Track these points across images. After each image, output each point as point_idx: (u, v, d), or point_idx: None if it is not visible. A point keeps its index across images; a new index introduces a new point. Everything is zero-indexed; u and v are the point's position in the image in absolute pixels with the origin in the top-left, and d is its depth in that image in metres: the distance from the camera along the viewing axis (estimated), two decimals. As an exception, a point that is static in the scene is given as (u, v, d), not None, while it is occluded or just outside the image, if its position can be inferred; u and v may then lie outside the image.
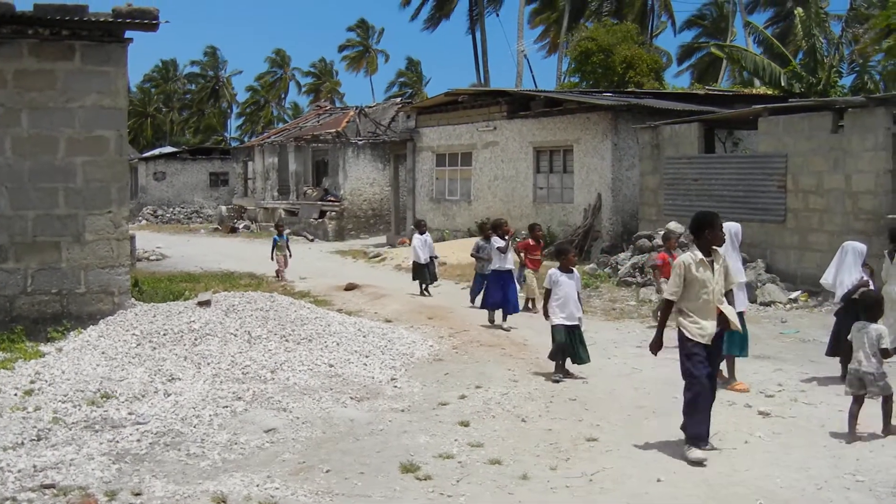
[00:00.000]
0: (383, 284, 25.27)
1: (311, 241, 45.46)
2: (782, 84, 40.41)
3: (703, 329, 9.92)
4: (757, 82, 46.47)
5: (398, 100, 64.44)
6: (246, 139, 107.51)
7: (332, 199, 48.42)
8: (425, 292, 23.46)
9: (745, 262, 22.55)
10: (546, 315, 14.00)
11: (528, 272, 20.69)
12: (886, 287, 15.05)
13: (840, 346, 12.95)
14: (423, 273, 23.67)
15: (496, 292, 18.75)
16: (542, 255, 21.63)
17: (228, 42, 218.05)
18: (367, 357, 14.15)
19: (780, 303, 21.31)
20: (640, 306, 21.08)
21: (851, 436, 10.49)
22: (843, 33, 45.78)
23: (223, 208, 58.54)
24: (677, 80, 78.42)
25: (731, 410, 11.81)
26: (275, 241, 28.09)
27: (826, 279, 13.83)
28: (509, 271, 19.05)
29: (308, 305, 17.11)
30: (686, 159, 26.53)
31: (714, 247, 10.04)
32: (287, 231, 30.95)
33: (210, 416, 10.73)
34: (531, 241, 21.14)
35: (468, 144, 37.72)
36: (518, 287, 19.68)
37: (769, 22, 71.81)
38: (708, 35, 75.89)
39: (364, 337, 15.29)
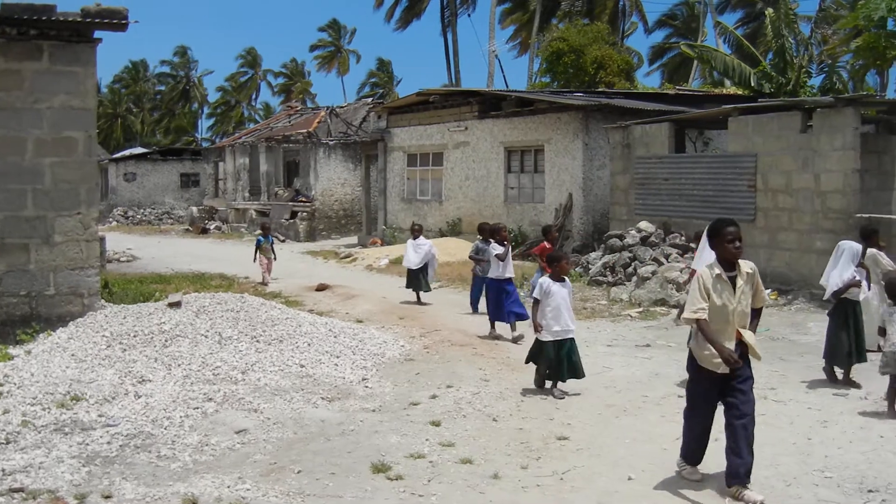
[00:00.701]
0: (354, 285, 25.22)
1: (283, 241, 45.30)
2: (752, 84, 40.54)
3: (717, 358, 8.56)
4: (727, 82, 46.62)
5: (369, 100, 64.33)
6: (217, 140, 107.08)
7: (304, 199, 48.32)
8: (420, 301, 22.09)
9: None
10: (537, 328, 12.91)
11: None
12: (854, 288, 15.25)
13: (829, 344, 13.07)
14: (417, 280, 22.22)
15: (496, 303, 17.46)
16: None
17: (199, 42, 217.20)
18: (338, 357, 14.13)
19: (749, 301, 21.37)
20: (611, 305, 21.15)
21: (892, 412, 11.41)
22: (813, 34, 46.15)
23: (194, 209, 58.31)
24: (648, 80, 78.74)
25: (702, 409, 11.84)
26: (258, 242, 27.02)
27: (823, 279, 13.90)
28: (509, 280, 17.85)
29: (279, 306, 17.05)
30: (656, 159, 26.61)
31: (737, 260, 8.64)
32: (275, 233, 30.26)
33: (181, 417, 10.69)
34: (547, 244, 19.99)
35: (439, 144, 37.71)
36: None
37: (739, 22, 72.35)
38: (679, 35, 76.20)
39: (335, 337, 15.26)
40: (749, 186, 23.54)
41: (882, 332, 11.91)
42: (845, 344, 13.11)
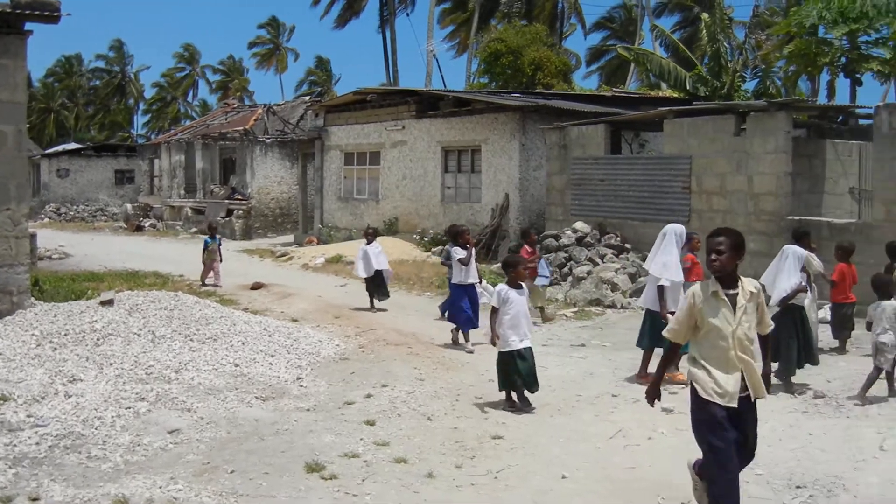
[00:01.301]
0: (290, 284, 25.10)
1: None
2: (688, 87, 40.89)
3: (719, 386, 7.41)
4: (663, 85, 47.02)
5: (307, 98, 64.08)
6: (153, 136, 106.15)
7: (240, 197, 48.05)
8: (374, 308, 20.87)
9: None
10: (494, 339, 12.25)
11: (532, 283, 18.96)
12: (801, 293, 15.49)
13: (779, 351, 13.13)
14: (371, 287, 21.06)
15: (461, 309, 16.65)
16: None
17: (135, 37, 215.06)
18: (272, 356, 14.08)
19: (683, 302, 21.53)
20: (546, 305, 21.20)
21: (862, 397, 12.12)
22: (747, 39, 46.52)
23: (129, 206, 57.80)
24: (586, 81, 78.86)
25: (636, 407, 11.93)
26: (206, 243, 25.78)
27: (766, 280, 13.94)
28: (472, 286, 16.96)
29: (213, 304, 16.98)
30: (593, 160, 26.74)
31: (734, 275, 7.62)
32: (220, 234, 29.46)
33: (112, 417, 10.58)
34: (528, 248, 19.61)
35: (376, 143, 37.63)
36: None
37: (676, 26, 72.87)
38: (616, 38, 76.69)
39: (270, 336, 15.21)
40: (684, 188, 23.73)
41: (869, 326, 12.67)
42: (794, 351, 13.17)
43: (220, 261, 25.71)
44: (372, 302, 21.04)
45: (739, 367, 7.43)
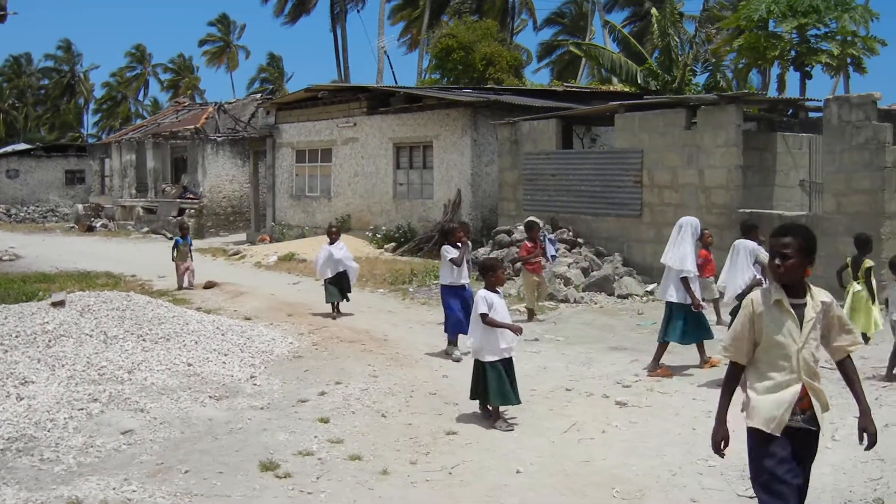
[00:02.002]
0: (243, 282, 25.02)
1: (170, 238, 44.59)
2: (639, 81, 41.15)
3: (768, 411, 6.26)
4: (615, 80, 47.24)
5: (259, 96, 63.89)
6: (103, 136, 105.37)
7: (192, 196, 47.85)
8: (338, 312, 19.49)
9: (601, 255, 22.99)
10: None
11: (530, 278, 18.98)
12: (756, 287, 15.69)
13: None
14: (332, 289, 19.44)
15: (450, 312, 15.24)
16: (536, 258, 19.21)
17: (84, 36, 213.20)
18: (225, 355, 14.01)
19: (636, 295, 21.68)
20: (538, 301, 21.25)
21: (890, 376, 12.94)
22: (697, 33, 46.87)
23: (80, 207, 57.41)
24: (537, 76, 79.66)
25: (590, 401, 12.00)
26: (176, 243, 24.46)
27: (721, 281, 13.98)
28: (464, 286, 15.51)
29: (166, 304, 16.89)
30: (544, 155, 26.83)
31: (803, 282, 6.24)
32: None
33: (65, 419, 10.48)
34: (529, 244, 19.13)
35: (328, 140, 37.58)
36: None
37: (626, 21, 73.20)
38: (567, 33, 76.87)
39: (223, 335, 15.15)
40: (635, 182, 23.86)
41: (886, 302, 13.87)
42: None
43: (192, 260, 24.71)
44: (336, 307, 19.48)
45: (798, 394, 6.23)
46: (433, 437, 10.29)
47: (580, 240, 24.68)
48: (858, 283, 15.37)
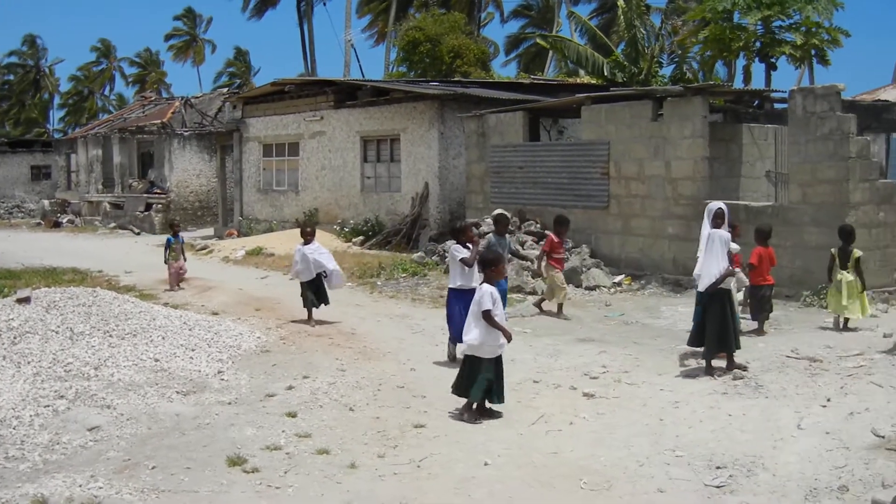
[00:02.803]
0: (210, 277, 24.95)
1: (138, 234, 44.66)
2: (605, 74, 41.16)
3: None
4: (581, 72, 47.26)
5: (225, 90, 63.66)
6: (70, 131, 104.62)
7: (159, 191, 47.67)
8: (312, 321, 17.60)
9: (570, 248, 23.02)
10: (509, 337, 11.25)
11: (555, 272, 18.47)
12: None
13: (703, 335, 13.29)
14: (308, 294, 17.81)
15: (454, 319, 13.98)
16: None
17: (50, 31, 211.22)
18: (193, 350, 13.96)
19: (604, 287, 21.73)
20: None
21: None
22: (663, 25, 46.96)
23: (46, 202, 57.10)
24: (505, 69, 79.04)
25: (557, 393, 12.05)
26: (168, 242, 23.26)
27: (696, 270, 13.73)
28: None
29: (132, 300, 16.80)
30: (511, 147, 26.83)
31: None
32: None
33: (31, 416, 10.43)
34: (555, 238, 18.54)
35: (295, 134, 37.48)
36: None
37: (593, 13, 73.27)
38: (534, 26, 76.92)
39: (190, 330, 15.09)
40: (602, 174, 23.89)
41: None
42: (732, 331, 13.22)
43: (185, 259, 23.73)
44: (310, 313, 17.80)
45: None
46: (401, 430, 10.31)
47: (547, 231, 24.65)
48: (848, 272, 15.61)
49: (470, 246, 14.12)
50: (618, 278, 22.27)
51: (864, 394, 11.28)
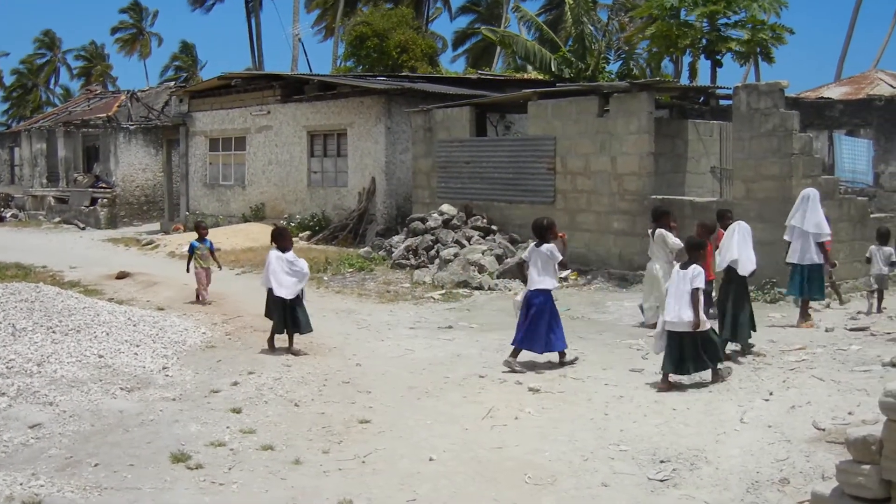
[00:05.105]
0: (156, 272, 24.74)
1: (83, 229, 44.25)
2: (553, 69, 41.33)
3: None
4: (529, 67, 47.42)
5: (172, 84, 63.28)
6: (13, 124, 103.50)
7: (104, 185, 47.25)
8: (292, 350, 14.38)
9: (515, 242, 23.10)
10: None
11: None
12: (649, 265, 16.01)
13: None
14: (281, 314, 14.54)
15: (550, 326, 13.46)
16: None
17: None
18: (138, 346, 13.86)
19: (550, 282, 21.78)
20: (413, 288, 21.25)
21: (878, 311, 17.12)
22: (610, 21, 47.12)
23: (-12, 197, 56.49)
24: (453, 65, 79.23)
25: (503, 387, 12.09)
26: (192, 247, 20.06)
27: (733, 258, 13.79)
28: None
29: (76, 295, 16.67)
30: (458, 142, 26.86)
31: None
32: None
33: (-29, 413, 10.34)
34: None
35: (242, 129, 37.31)
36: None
37: (542, 9, 73.38)
38: (483, 21, 76.85)
39: (135, 326, 14.98)
40: (549, 169, 23.98)
41: (868, 261, 17.72)
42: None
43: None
44: (291, 339, 14.64)
45: None
46: (346, 425, 10.30)
47: (494, 227, 24.76)
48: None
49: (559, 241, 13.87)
50: (564, 273, 22.34)
51: (805, 387, 11.42)
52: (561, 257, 13.60)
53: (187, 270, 19.97)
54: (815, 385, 11.52)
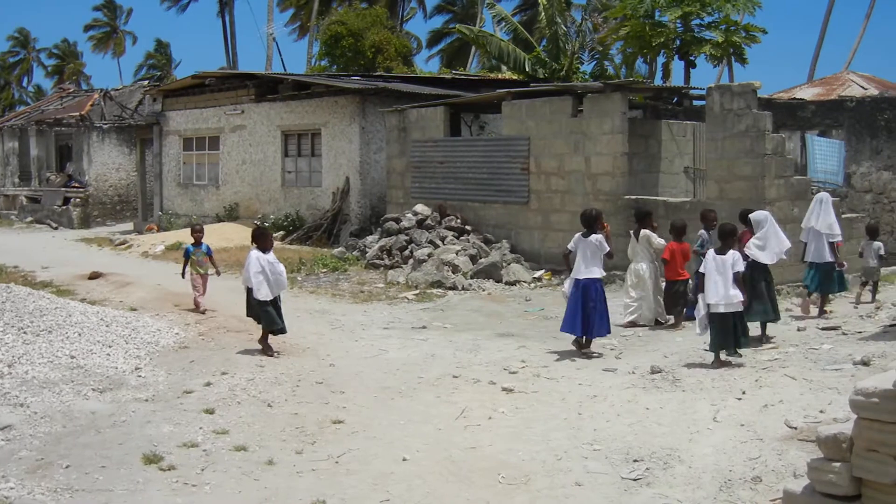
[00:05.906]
0: (129, 272, 24.58)
1: (56, 228, 44.03)
2: (527, 69, 41.35)
3: None
4: (503, 68, 47.45)
5: (146, 83, 63.05)
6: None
7: (77, 185, 47.04)
8: (271, 352, 14.20)
9: (489, 242, 23.14)
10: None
11: None
12: (632, 265, 16.14)
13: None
14: (269, 313, 14.34)
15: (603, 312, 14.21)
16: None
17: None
18: (110, 347, 13.78)
19: (524, 282, 21.83)
20: (388, 288, 21.24)
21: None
22: (584, 21, 47.26)
23: (-41, 196, 56.17)
24: (428, 65, 79.24)
25: (476, 387, 12.11)
26: (188, 252, 18.69)
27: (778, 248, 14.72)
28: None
29: (48, 296, 16.58)
30: (432, 142, 26.86)
31: None
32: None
33: (-59, 415, 10.27)
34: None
35: (216, 128, 37.20)
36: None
37: (516, 10, 73.43)
38: (457, 21, 76.94)
39: (107, 326, 14.90)
40: (523, 169, 24.01)
41: (861, 255, 18.82)
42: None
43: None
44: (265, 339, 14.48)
45: None
46: (319, 426, 10.30)
47: (468, 227, 24.77)
48: None
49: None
50: (538, 273, 22.40)
51: (778, 386, 11.46)
52: (608, 248, 14.10)
53: (182, 276, 18.75)
54: (787, 384, 11.56)
